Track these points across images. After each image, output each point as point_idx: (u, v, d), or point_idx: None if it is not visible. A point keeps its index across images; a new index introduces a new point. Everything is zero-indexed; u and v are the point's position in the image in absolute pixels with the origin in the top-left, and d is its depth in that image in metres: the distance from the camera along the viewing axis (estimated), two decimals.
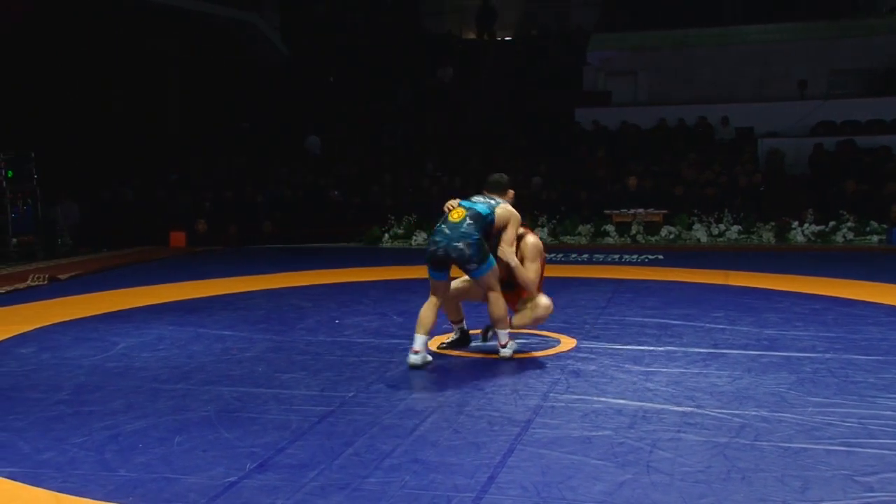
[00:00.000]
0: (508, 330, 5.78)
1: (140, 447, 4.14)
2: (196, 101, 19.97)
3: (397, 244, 14.18)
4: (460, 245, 5.46)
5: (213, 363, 5.88)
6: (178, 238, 14.34)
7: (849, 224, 13.20)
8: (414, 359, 5.53)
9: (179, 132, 19.92)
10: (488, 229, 5.65)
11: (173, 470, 3.83)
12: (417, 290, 8.62)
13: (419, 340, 5.58)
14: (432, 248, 5.58)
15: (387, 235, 14.36)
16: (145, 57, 18.70)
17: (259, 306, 8.17)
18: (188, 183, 17.06)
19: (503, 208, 5.75)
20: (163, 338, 6.75)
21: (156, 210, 15.77)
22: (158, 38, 18.62)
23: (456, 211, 5.64)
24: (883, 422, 4.29)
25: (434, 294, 5.71)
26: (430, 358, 5.66)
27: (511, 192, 6.04)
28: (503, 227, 5.71)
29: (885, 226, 13.06)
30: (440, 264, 5.59)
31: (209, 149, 18.69)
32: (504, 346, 5.74)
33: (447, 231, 5.55)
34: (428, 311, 5.64)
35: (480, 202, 5.75)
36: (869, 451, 3.89)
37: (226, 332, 6.91)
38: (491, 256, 5.59)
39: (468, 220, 5.55)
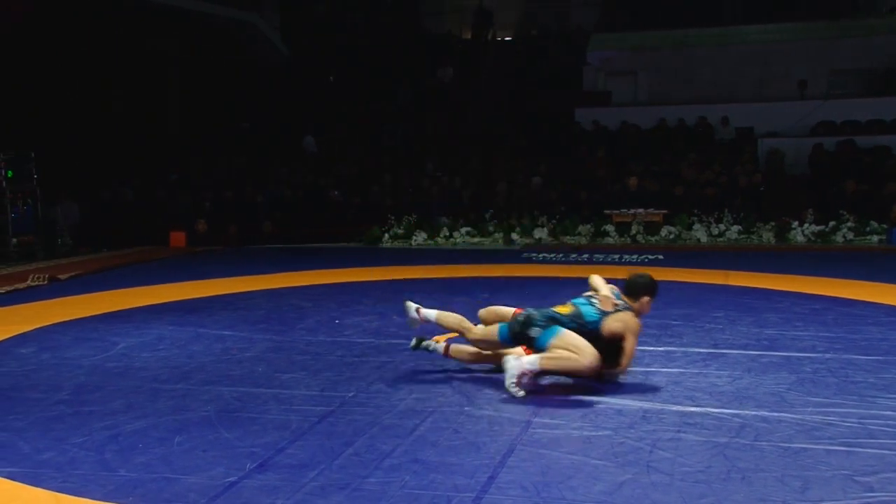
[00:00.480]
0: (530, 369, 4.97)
1: (140, 447, 4.15)
2: (196, 101, 19.96)
3: (397, 244, 14.17)
4: (535, 313, 5.16)
5: (213, 363, 5.88)
6: (178, 238, 14.34)
7: (849, 224, 13.19)
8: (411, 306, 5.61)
9: (179, 132, 19.91)
10: (590, 333, 5.11)
11: (173, 470, 3.83)
12: (417, 290, 8.64)
13: (431, 313, 5.57)
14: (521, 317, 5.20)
15: (387, 235, 14.35)
16: (145, 57, 18.70)
17: (259, 306, 8.17)
18: (188, 183, 17.06)
19: (618, 319, 5.13)
20: (163, 338, 6.75)
21: (156, 210, 15.77)
22: (158, 38, 18.62)
23: (566, 306, 5.27)
24: (883, 422, 4.29)
25: (484, 333, 5.34)
26: (417, 317, 5.60)
27: (646, 299, 5.33)
28: (618, 338, 5.11)
29: (885, 226, 13.05)
30: (513, 336, 5.17)
31: (209, 149, 18.69)
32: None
33: (542, 309, 5.23)
34: (464, 323, 5.45)
35: (595, 307, 5.23)
36: (869, 451, 3.89)
37: (226, 332, 6.91)
38: (558, 327, 5.07)
39: (569, 316, 5.17)
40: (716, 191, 14.75)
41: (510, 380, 4.90)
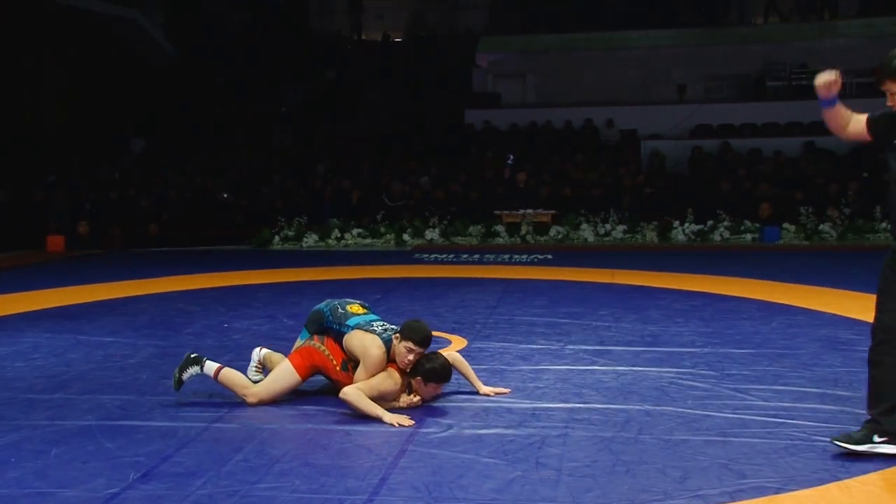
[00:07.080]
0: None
1: (13, 461, 3.94)
2: (77, 99, 19.11)
3: (288, 246, 13.99)
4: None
5: (93, 371, 5.65)
6: (55, 242, 13.71)
7: (725, 223, 13.80)
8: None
9: (57, 131, 18.97)
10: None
11: (49, 484, 3.66)
12: (307, 293, 8.56)
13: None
14: None
15: (277, 238, 14.14)
16: (19, 51, 17.79)
17: (144, 311, 7.90)
18: (67, 184, 16.30)
19: (359, 338, 4.69)
20: (39, 346, 6.44)
21: (33, 212, 15.00)
22: (33, 31, 17.76)
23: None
24: (755, 412, 4.52)
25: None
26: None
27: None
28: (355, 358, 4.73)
29: (757, 224, 13.72)
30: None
31: (91, 148, 17.95)
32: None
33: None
34: None
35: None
36: (743, 440, 4.09)
37: (108, 339, 6.66)
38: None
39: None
40: (602, 191, 15.17)
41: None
